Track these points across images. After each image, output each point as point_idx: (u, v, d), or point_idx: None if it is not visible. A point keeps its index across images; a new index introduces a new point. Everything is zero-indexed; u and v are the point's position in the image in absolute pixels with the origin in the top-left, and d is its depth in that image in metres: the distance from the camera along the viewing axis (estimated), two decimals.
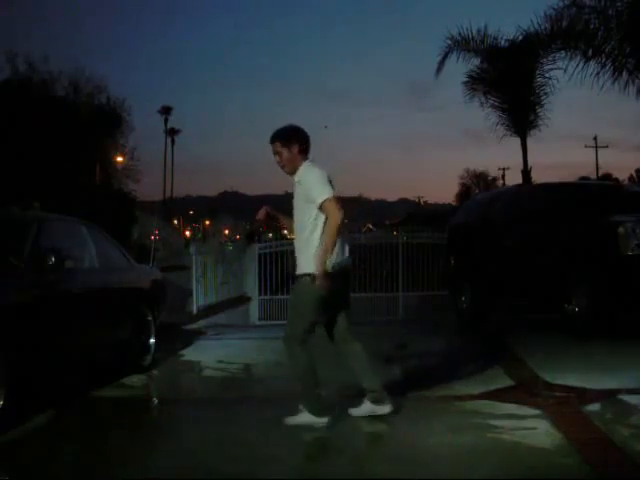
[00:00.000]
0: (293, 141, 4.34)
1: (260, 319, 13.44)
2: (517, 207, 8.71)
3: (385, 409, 4.33)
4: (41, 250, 4.82)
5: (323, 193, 4.14)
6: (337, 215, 4.08)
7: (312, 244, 4.19)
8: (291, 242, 4.74)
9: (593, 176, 39.58)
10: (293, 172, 4.36)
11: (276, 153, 4.38)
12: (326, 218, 4.15)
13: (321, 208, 4.14)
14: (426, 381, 5.58)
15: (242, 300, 13.69)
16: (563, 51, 14.02)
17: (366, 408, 4.36)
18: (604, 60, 13.17)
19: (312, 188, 4.18)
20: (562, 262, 7.38)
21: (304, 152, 4.36)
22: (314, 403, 4.25)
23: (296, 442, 4.00)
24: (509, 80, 14.98)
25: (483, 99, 15.77)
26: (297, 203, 4.34)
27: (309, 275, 4.16)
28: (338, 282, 4.21)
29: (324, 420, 4.22)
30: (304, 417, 4.24)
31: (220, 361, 6.69)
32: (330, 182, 4.23)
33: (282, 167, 4.39)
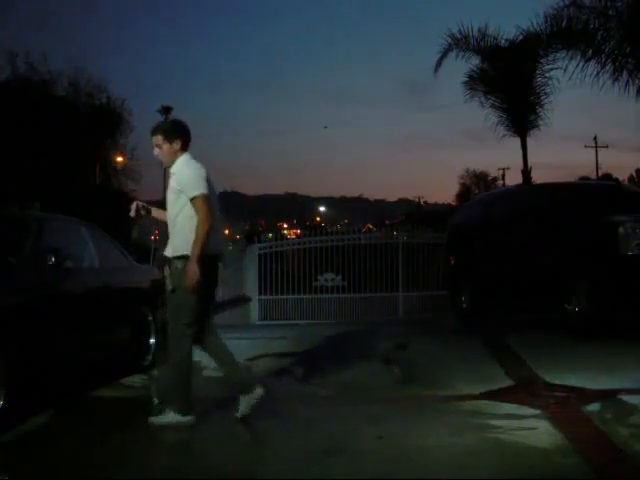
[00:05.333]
0: (176, 136, 4.44)
1: (260, 319, 13.44)
2: (517, 207, 8.71)
3: (188, 420, 4.26)
4: (41, 250, 4.82)
5: (195, 188, 4.25)
6: (205, 213, 4.19)
7: (183, 231, 4.27)
8: (292, 242, 4.79)
9: (593, 176, 39.55)
10: (171, 165, 4.43)
11: (157, 146, 4.45)
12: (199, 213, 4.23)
13: (192, 202, 4.24)
14: (426, 381, 5.59)
15: (242, 300, 13.69)
16: (563, 51, 14.02)
17: (169, 417, 4.29)
18: (604, 60, 13.15)
19: (186, 182, 4.29)
20: (562, 262, 7.37)
21: (185, 147, 4.46)
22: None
23: (296, 442, 4.00)
24: (509, 80, 14.95)
25: (483, 99, 15.71)
26: (170, 193, 4.40)
27: (183, 257, 4.23)
28: (210, 269, 4.30)
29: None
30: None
31: None
32: (207, 180, 4.31)
33: (160, 160, 4.46)
